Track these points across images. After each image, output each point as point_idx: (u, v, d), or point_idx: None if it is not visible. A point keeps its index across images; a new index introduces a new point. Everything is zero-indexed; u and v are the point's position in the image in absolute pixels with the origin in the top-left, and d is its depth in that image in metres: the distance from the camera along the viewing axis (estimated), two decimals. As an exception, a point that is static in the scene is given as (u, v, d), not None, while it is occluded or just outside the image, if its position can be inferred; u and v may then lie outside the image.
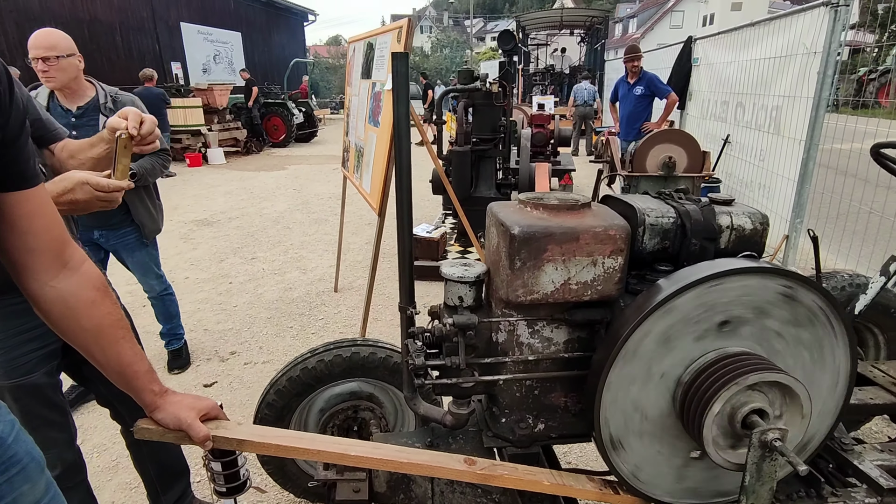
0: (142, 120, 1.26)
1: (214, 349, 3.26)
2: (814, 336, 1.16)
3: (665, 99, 5.85)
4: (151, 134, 1.28)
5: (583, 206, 1.29)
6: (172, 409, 1.00)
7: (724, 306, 1.12)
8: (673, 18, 42.39)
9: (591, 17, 14.92)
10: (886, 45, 14.76)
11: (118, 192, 1.26)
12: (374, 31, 2.95)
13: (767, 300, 1.11)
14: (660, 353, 1.14)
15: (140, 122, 1.25)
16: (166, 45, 14.82)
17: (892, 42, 15.81)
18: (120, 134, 1.23)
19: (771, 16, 4.77)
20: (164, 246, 5.32)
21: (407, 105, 1.35)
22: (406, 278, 1.49)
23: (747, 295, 1.11)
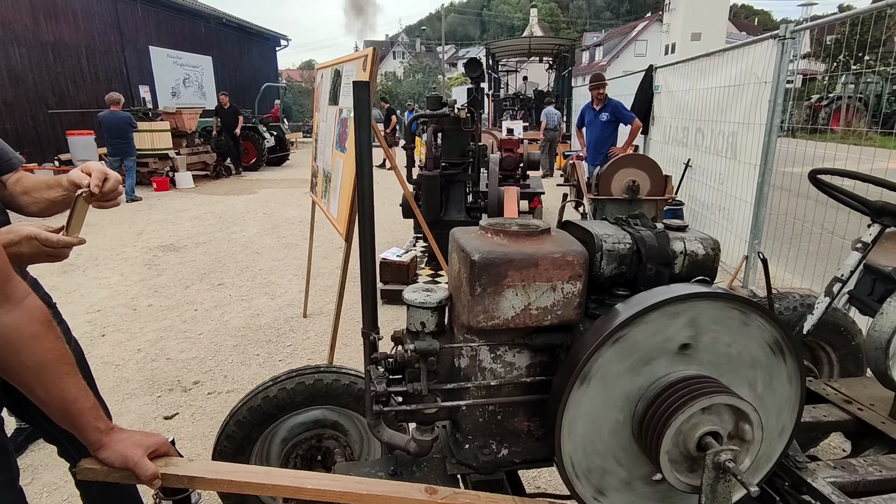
0: (106, 177, 1.22)
1: (177, 379, 3.16)
2: (763, 358, 1.19)
3: (629, 125, 6.04)
4: (114, 192, 1.24)
5: (542, 233, 1.31)
6: (119, 446, 0.96)
7: (678, 330, 1.15)
8: (637, 47, 44.07)
9: (558, 45, 15.40)
10: (835, 75, 15.62)
11: (67, 248, 1.21)
12: (342, 59, 2.98)
13: (719, 324, 1.15)
14: (618, 377, 1.16)
15: (104, 179, 1.21)
16: (134, 68, 14.65)
17: (841, 72, 16.75)
18: (81, 192, 1.18)
19: (725, 47, 5.01)
20: (128, 273, 5.19)
21: (368, 132, 1.37)
22: (369, 303, 1.49)
23: (700, 319, 1.14)
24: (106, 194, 1.22)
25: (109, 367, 3.29)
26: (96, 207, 1.25)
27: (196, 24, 18.00)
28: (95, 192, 1.18)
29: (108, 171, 1.23)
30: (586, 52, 48.75)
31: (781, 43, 3.85)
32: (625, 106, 6.27)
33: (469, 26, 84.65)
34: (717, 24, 37.18)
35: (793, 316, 2.11)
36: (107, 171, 1.22)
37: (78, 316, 4.12)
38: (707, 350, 1.18)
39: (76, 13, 12.67)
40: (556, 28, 63.43)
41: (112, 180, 1.22)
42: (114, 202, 1.27)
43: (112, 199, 1.25)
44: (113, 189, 1.23)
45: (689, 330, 1.15)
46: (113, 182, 1.22)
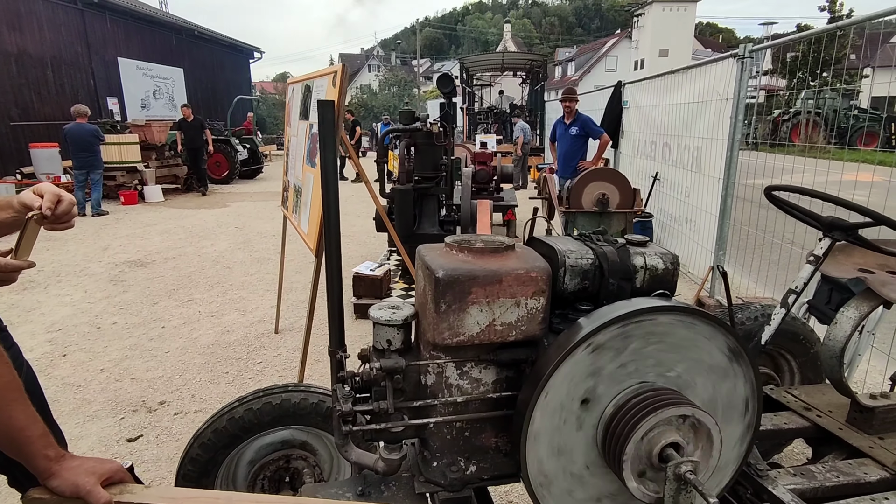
0: (59, 199, 1.16)
1: (142, 399, 3.06)
2: (721, 368, 1.23)
3: (598, 139, 6.17)
4: (67, 214, 1.18)
5: (506, 249, 1.33)
6: (69, 474, 0.93)
7: (640, 343, 1.17)
8: (608, 62, 45.22)
9: (530, 60, 15.68)
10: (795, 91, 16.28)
11: (15, 273, 1.17)
12: (312, 74, 2.98)
13: (679, 337, 1.18)
14: (581, 391, 1.17)
15: (57, 201, 1.15)
16: (102, 79, 14.37)
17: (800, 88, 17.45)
18: (32, 215, 1.12)
19: (688, 65, 5.18)
20: (92, 289, 5.04)
21: (334, 152, 1.37)
22: (335, 321, 1.48)
23: (661, 332, 1.17)
24: (59, 217, 1.16)
25: (70, 389, 3.18)
26: (49, 230, 1.20)
27: (167, 36, 17.78)
28: (47, 215, 1.13)
29: (61, 193, 1.17)
30: (559, 67, 49.73)
31: (741, 62, 4.00)
32: (594, 121, 6.39)
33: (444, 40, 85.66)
34: (683, 41, 38.52)
35: (754, 326, 2.17)
36: (60, 193, 1.17)
37: (38, 335, 3.98)
38: (668, 362, 1.21)
39: (41, 24, 12.39)
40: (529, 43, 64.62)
41: (65, 203, 1.17)
42: (67, 225, 1.21)
43: (65, 221, 1.19)
44: (66, 212, 1.17)
45: (650, 343, 1.17)
46: (66, 204, 1.17)
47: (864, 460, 1.64)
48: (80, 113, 8.60)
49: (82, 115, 8.59)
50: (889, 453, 1.64)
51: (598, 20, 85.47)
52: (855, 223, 1.71)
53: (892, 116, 18.59)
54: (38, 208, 1.13)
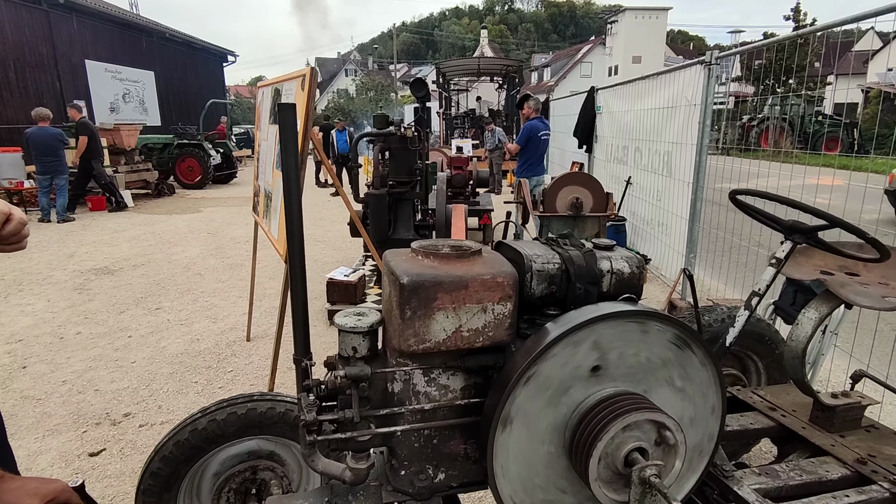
0: (7, 218, 1.06)
1: (105, 412, 2.96)
2: (671, 355, 1.24)
3: None
4: (16, 235, 1.09)
5: (473, 254, 1.32)
6: (10, 497, 0.89)
7: (606, 347, 1.18)
8: (583, 68, 45.87)
9: (506, 65, 15.80)
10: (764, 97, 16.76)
11: None
12: (281, 78, 2.94)
13: (621, 339, 1.19)
14: (547, 396, 1.17)
15: (4, 220, 1.06)
16: (68, 82, 13.99)
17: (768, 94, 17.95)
18: None
19: (657, 71, 5.28)
20: (55, 298, 4.88)
21: (296, 156, 1.34)
22: (300, 329, 1.45)
23: (627, 336, 1.18)
24: (5, 237, 1.07)
25: (29, 403, 3.06)
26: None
27: (137, 38, 17.41)
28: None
29: (11, 211, 1.08)
30: (535, 73, 50.29)
31: (708, 68, 4.09)
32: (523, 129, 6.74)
33: (421, 45, 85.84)
34: (655, 48, 39.35)
35: (720, 328, 2.21)
36: (10, 210, 1.08)
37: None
38: (633, 366, 1.21)
39: (3, 24, 12.01)
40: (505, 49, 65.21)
41: (14, 222, 1.07)
42: (17, 246, 1.12)
43: (14, 242, 1.10)
44: (15, 232, 1.08)
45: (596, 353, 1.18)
46: (15, 224, 1.07)
47: (826, 458, 1.68)
48: (42, 116, 8.34)
49: (44, 119, 8.33)
50: (849, 451, 1.68)
51: (573, 27, 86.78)
52: (814, 226, 1.75)
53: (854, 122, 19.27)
54: None
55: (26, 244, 1.15)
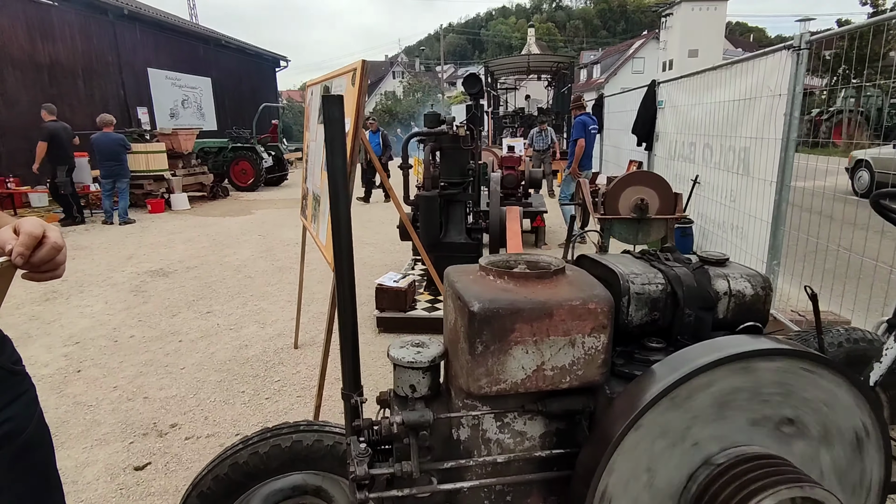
0: (40, 241, 0.89)
1: (153, 421, 2.90)
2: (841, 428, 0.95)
3: None
4: (51, 262, 0.91)
5: (556, 274, 1.08)
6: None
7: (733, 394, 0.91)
8: (634, 64, 44.39)
9: (557, 62, 15.35)
10: (834, 89, 15.55)
11: None
12: (330, 74, 2.79)
13: (787, 388, 0.91)
14: (662, 454, 0.91)
15: (36, 244, 0.88)
16: (132, 90, 14.61)
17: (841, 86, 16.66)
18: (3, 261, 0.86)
19: (733, 59, 4.83)
20: (112, 300, 4.96)
21: (344, 157, 1.15)
22: (349, 359, 1.25)
23: (762, 381, 0.91)
24: (36, 265, 0.89)
25: (81, 409, 3.03)
26: (28, 280, 0.92)
27: (195, 46, 18.05)
28: (18, 263, 0.87)
29: (46, 233, 0.90)
30: (584, 70, 49.10)
31: (797, 54, 3.66)
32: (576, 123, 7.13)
33: (467, 46, 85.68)
34: (713, 40, 37.51)
35: (838, 353, 1.87)
36: (45, 231, 0.90)
37: (55, 349, 3.87)
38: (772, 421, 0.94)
39: (73, 35, 12.65)
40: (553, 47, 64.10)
41: (47, 247, 0.89)
42: (52, 275, 0.93)
43: (49, 270, 0.92)
44: (47, 259, 0.89)
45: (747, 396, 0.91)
46: (48, 250, 0.89)
47: None
48: (107, 122, 8.66)
49: (108, 125, 8.65)
50: None
51: (624, 22, 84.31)
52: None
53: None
54: (7, 253, 0.87)
55: (62, 272, 0.95)
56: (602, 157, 11.35)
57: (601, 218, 4.39)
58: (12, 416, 1.08)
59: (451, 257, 4.44)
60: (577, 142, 6.93)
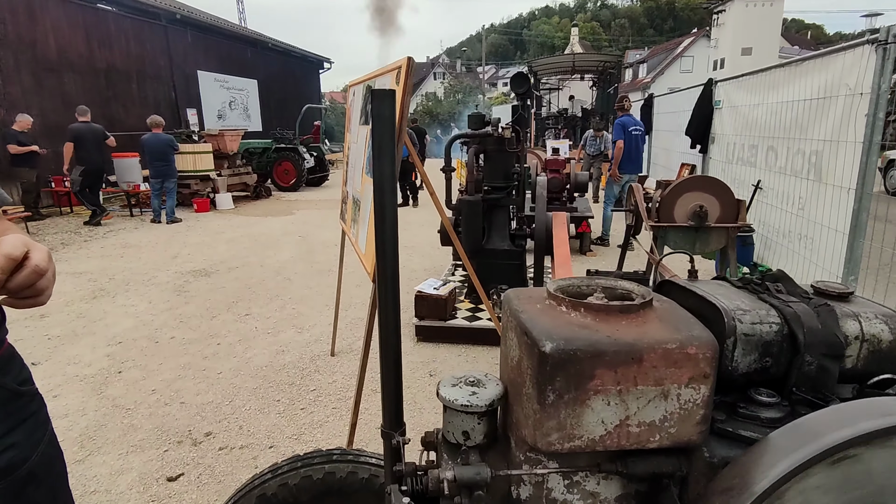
0: (22, 264, 0.77)
1: (188, 429, 2.84)
2: None
3: None
4: (32, 288, 0.79)
5: (643, 307, 0.89)
6: None
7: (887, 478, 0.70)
8: (683, 63, 42.97)
9: (603, 62, 14.91)
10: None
11: None
12: (374, 73, 2.66)
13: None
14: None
15: (15, 267, 0.76)
16: (182, 92, 15.06)
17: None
18: None
19: (805, 55, 4.46)
20: (156, 300, 5.00)
21: (392, 162, 0.99)
22: (391, 395, 1.09)
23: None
24: (14, 291, 0.77)
25: (119, 412, 3.01)
26: (6, 306, 0.82)
27: (243, 49, 18.48)
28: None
29: (30, 254, 0.79)
30: (629, 70, 47.87)
31: (882, 49, 3.30)
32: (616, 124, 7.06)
33: (509, 46, 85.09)
34: (769, 38, 35.92)
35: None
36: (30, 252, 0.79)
37: (98, 348, 3.90)
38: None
39: (129, 40, 13.12)
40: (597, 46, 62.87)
41: (27, 272, 0.77)
42: (34, 301, 0.81)
43: (29, 296, 0.80)
44: (26, 284, 0.77)
45: None
46: (28, 274, 0.77)
47: None
48: (156, 123, 8.88)
49: (158, 126, 8.87)
50: None
51: (672, 20, 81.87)
52: None
53: None
54: None
55: (47, 298, 0.83)
56: (650, 159, 10.91)
57: (655, 225, 4.11)
58: (14, 443, 0.98)
59: (494, 264, 4.26)
60: (616, 143, 6.73)
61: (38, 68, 10.61)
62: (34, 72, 10.53)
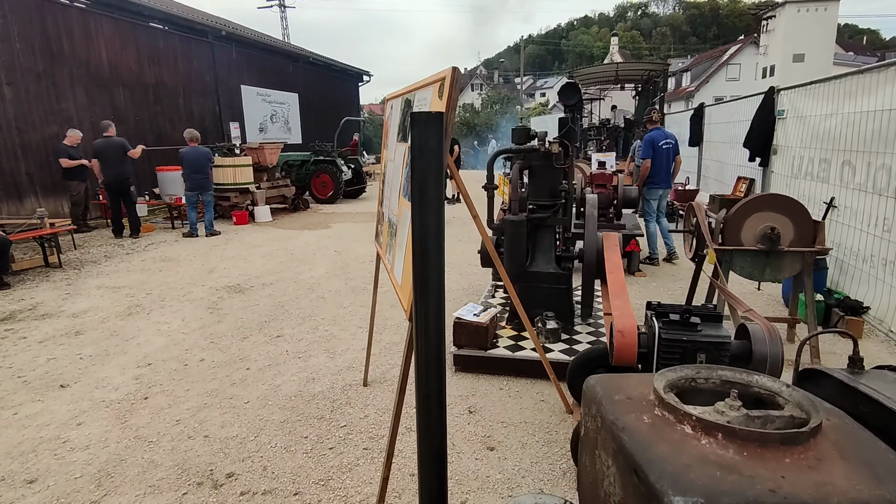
0: None
1: (210, 467, 2.64)
2: None
3: None
4: None
5: (812, 435, 0.59)
6: None
7: None
8: (729, 71, 41.59)
9: (648, 70, 14.40)
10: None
11: None
12: (413, 86, 2.43)
13: None
14: None
15: None
16: (226, 105, 15.38)
17: None
18: None
19: (891, 61, 4.00)
20: (189, 317, 4.91)
21: (440, 207, 0.73)
22: (433, 479, 0.82)
23: None
24: None
25: (141, 445, 2.85)
26: None
27: (284, 63, 18.83)
28: None
29: None
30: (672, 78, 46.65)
31: None
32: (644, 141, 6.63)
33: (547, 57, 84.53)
34: (822, 44, 34.35)
35: None
36: None
37: (128, 370, 3.80)
38: None
39: (177, 57, 13.50)
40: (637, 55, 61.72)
41: None
42: None
43: None
44: None
45: None
46: None
47: None
48: (193, 137, 9.00)
49: (195, 139, 8.99)
50: None
51: (716, 27, 79.63)
52: None
53: None
54: None
55: None
56: (700, 171, 10.37)
57: (719, 249, 3.72)
58: None
59: (539, 288, 3.96)
60: (644, 162, 6.31)
61: (90, 84, 10.97)
62: (87, 87, 10.90)
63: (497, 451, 2.75)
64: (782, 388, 0.70)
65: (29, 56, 9.68)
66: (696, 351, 2.18)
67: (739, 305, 2.75)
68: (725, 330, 2.21)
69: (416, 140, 0.72)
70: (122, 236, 8.93)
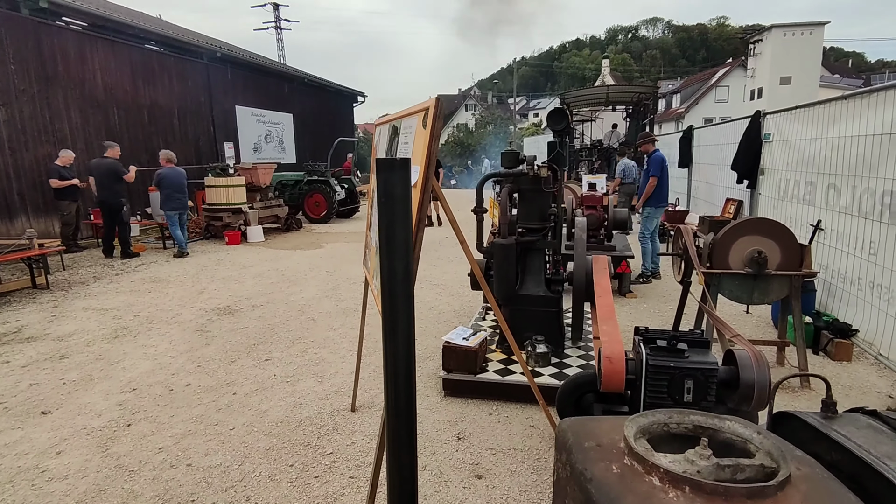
0: None
1: (192, 498, 2.58)
2: None
3: None
4: None
5: (782, 486, 0.58)
6: None
7: None
8: (718, 93, 42.32)
9: (638, 93, 14.63)
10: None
11: None
12: (400, 113, 2.45)
13: None
14: None
15: None
16: (221, 126, 15.45)
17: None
18: None
19: (874, 87, 4.08)
20: (177, 340, 4.85)
21: (408, 260, 0.73)
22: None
23: None
24: None
25: (122, 474, 2.79)
26: None
27: (280, 84, 18.98)
28: None
29: None
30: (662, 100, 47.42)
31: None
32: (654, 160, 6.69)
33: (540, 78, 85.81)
34: (809, 67, 35.07)
35: None
36: None
37: (111, 396, 3.73)
38: None
39: (171, 78, 13.58)
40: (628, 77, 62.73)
41: None
42: None
43: None
44: None
45: None
46: None
47: None
48: (170, 158, 9.06)
49: (171, 160, 9.04)
50: None
51: (704, 50, 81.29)
52: None
53: None
54: None
55: None
56: (690, 192, 10.47)
57: (707, 272, 3.74)
58: None
59: (529, 311, 3.95)
60: (651, 180, 6.40)
61: (85, 105, 11.00)
62: (82, 108, 10.93)
63: (485, 479, 2.71)
64: (753, 435, 0.69)
65: (24, 77, 9.71)
66: (683, 377, 2.17)
67: (727, 330, 2.75)
68: (713, 356, 2.21)
69: (381, 186, 0.72)
70: (113, 256, 8.88)
